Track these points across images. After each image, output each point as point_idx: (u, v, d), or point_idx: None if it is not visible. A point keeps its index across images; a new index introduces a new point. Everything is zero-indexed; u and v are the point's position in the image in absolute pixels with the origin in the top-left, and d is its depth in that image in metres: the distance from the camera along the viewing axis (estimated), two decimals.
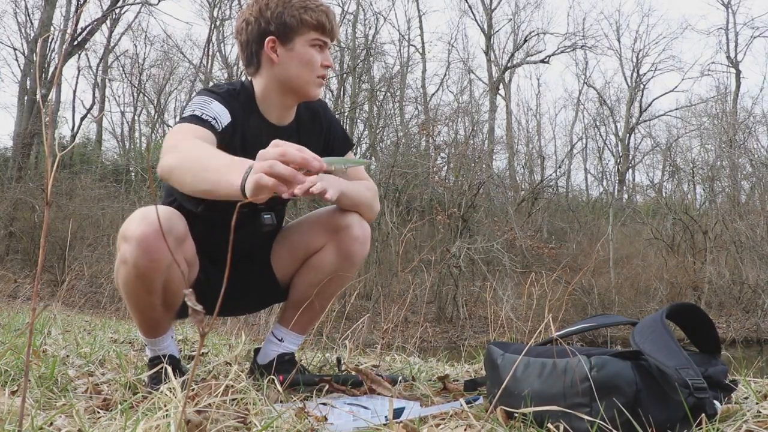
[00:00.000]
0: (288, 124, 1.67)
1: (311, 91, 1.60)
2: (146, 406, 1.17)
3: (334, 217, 1.66)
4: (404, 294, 7.23)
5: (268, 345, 1.77)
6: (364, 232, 1.67)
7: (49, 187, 0.76)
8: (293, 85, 1.58)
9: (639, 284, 15.15)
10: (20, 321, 3.91)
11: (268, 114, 1.63)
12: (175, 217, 1.46)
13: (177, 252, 1.47)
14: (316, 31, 1.56)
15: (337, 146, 1.78)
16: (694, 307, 1.32)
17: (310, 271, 1.69)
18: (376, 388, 1.60)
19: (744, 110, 19.34)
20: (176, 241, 1.46)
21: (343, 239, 1.64)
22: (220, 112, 1.50)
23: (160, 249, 1.39)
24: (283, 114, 1.65)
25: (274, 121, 1.64)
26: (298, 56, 1.56)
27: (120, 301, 7.74)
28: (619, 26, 31.96)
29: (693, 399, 1.05)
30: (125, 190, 16.83)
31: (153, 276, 1.43)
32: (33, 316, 0.80)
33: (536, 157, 21.58)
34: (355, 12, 19.94)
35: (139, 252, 1.38)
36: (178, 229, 1.46)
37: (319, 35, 1.56)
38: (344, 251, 1.65)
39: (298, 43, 1.55)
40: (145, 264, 1.40)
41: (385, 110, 19.35)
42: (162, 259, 1.40)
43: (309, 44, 1.56)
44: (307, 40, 1.55)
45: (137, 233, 1.38)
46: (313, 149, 1.69)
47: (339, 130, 1.79)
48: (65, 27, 16.21)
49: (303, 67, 1.57)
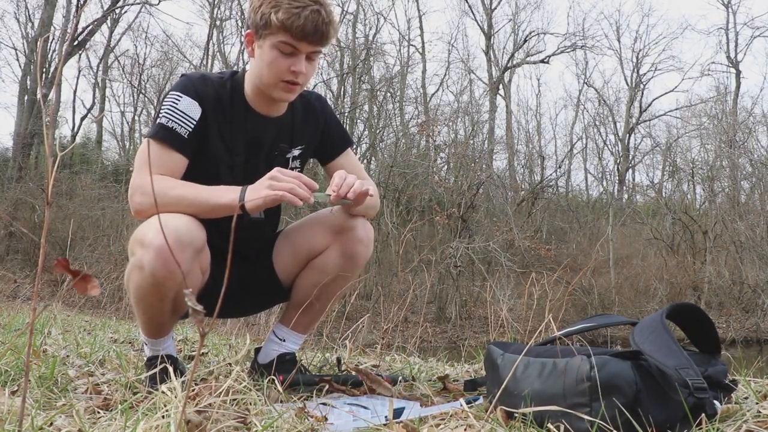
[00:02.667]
0: (278, 116, 1.66)
1: (274, 93, 1.55)
2: (146, 406, 1.17)
3: (338, 218, 1.66)
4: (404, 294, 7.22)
5: (270, 344, 1.77)
6: (367, 233, 1.67)
7: (50, 187, 0.76)
8: (259, 83, 1.57)
9: (639, 284, 15.14)
10: (20, 321, 3.91)
11: (255, 105, 1.62)
12: (194, 226, 1.45)
13: (194, 263, 1.47)
14: (285, 34, 1.46)
15: (334, 144, 1.77)
16: (694, 307, 1.32)
17: (314, 272, 1.69)
18: (376, 388, 1.60)
19: (744, 110, 19.37)
20: (195, 252, 1.45)
21: (347, 241, 1.64)
22: (188, 109, 1.53)
23: (179, 261, 1.39)
24: (270, 105, 1.63)
25: (262, 112, 1.63)
26: (262, 56, 1.52)
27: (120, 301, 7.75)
28: (619, 26, 31.90)
29: (693, 399, 1.05)
30: (125, 190, 16.82)
31: (168, 285, 1.43)
32: (33, 316, 0.80)
33: (536, 157, 21.56)
34: (355, 12, 19.96)
35: (157, 262, 1.38)
36: (198, 241, 1.45)
37: (288, 38, 1.46)
38: (348, 253, 1.65)
39: (267, 42, 1.50)
40: (162, 274, 1.40)
41: (385, 110, 19.36)
42: (179, 270, 1.41)
43: (275, 47, 1.49)
44: (273, 42, 1.48)
45: (156, 243, 1.38)
46: (307, 143, 1.72)
47: (336, 128, 1.78)
48: (65, 27, 16.21)
49: (265, 69, 1.52)
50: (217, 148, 1.58)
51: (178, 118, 1.52)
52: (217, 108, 1.58)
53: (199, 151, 1.56)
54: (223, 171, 1.60)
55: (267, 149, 1.65)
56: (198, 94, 1.55)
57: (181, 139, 1.52)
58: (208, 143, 1.57)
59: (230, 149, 1.60)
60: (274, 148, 1.66)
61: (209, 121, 1.56)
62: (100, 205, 14.59)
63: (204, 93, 1.56)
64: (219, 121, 1.58)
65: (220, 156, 1.59)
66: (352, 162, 1.79)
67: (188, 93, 1.54)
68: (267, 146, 1.65)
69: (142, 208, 1.48)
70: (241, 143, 1.61)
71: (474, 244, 13.32)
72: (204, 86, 1.57)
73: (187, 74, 1.60)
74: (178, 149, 1.52)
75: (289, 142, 1.69)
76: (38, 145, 15.18)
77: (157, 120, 1.53)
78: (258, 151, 1.64)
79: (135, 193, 1.49)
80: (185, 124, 1.52)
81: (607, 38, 33.99)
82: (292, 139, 1.69)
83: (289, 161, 1.70)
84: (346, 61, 18.89)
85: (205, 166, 1.58)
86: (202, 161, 1.57)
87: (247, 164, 1.63)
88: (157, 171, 1.50)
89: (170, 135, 1.51)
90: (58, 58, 16.19)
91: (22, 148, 15.16)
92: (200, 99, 1.55)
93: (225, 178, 1.58)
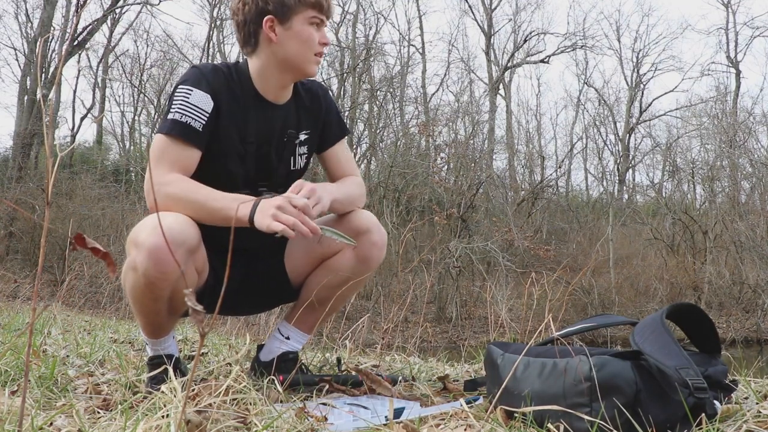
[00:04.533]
0: (285, 103, 1.68)
1: (308, 68, 1.61)
2: (146, 406, 1.17)
3: (353, 221, 1.66)
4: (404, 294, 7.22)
5: (273, 342, 1.77)
6: (382, 237, 1.67)
7: (50, 188, 0.76)
8: (292, 63, 1.59)
9: (639, 284, 15.15)
10: (20, 321, 3.91)
11: (264, 92, 1.64)
12: (188, 226, 1.44)
13: (188, 263, 1.47)
14: (314, 9, 1.57)
15: (332, 133, 1.78)
16: (694, 307, 1.32)
17: (326, 273, 1.69)
18: (376, 388, 1.60)
19: (744, 110, 19.35)
20: (188, 252, 1.44)
21: (363, 244, 1.64)
22: (201, 101, 1.53)
23: (171, 262, 1.39)
24: (280, 92, 1.66)
25: (270, 99, 1.65)
26: (296, 35, 1.57)
27: (120, 301, 7.74)
28: (619, 26, 31.86)
29: (693, 399, 1.05)
30: (125, 190, 16.83)
31: (162, 286, 1.43)
32: (33, 316, 0.80)
33: (536, 157, 21.55)
34: (356, 12, 19.96)
35: (149, 263, 1.38)
36: (191, 241, 1.45)
37: (317, 13, 1.57)
38: (362, 256, 1.65)
39: (297, 21, 1.56)
40: (155, 275, 1.40)
41: (385, 110, 19.35)
42: (172, 271, 1.40)
43: (307, 22, 1.57)
44: (305, 18, 1.56)
45: (148, 243, 1.38)
46: (310, 130, 1.73)
47: (334, 117, 1.79)
48: (65, 27, 16.20)
49: (302, 46, 1.58)
50: (229, 138, 1.59)
51: (192, 111, 1.52)
52: (229, 98, 1.58)
53: (211, 142, 1.57)
54: (235, 160, 1.60)
55: (277, 136, 1.66)
56: (210, 86, 1.55)
57: (196, 133, 1.52)
58: (220, 134, 1.57)
59: (242, 138, 1.61)
60: (283, 134, 1.67)
61: (222, 111, 1.57)
62: (100, 205, 14.58)
63: (216, 84, 1.57)
64: (232, 111, 1.59)
65: (233, 145, 1.59)
66: (345, 152, 1.82)
67: (200, 86, 1.54)
68: (277, 133, 1.66)
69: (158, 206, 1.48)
70: (253, 132, 1.62)
71: (473, 244, 13.32)
72: (216, 77, 1.57)
73: (198, 66, 1.60)
74: (194, 143, 1.52)
75: (296, 128, 1.70)
76: (38, 145, 15.17)
77: (169, 115, 1.52)
78: (269, 139, 1.65)
79: (150, 191, 1.49)
80: (199, 117, 1.52)
81: (607, 38, 33.98)
82: (298, 125, 1.71)
83: (296, 147, 1.71)
84: (346, 61, 18.89)
85: (218, 156, 1.58)
86: (214, 151, 1.58)
87: (259, 152, 1.63)
88: (171, 168, 1.49)
89: (185, 129, 1.51)
90: (58, 58, 16.19)
91: (22, 148, 15.15)
92: (212, 91, 1.55)
93: (235, 168, 1.60)
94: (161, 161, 1.50)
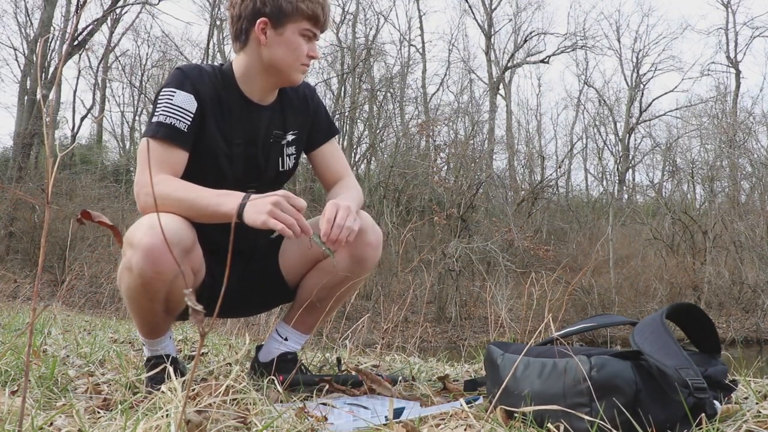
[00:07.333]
0: (270, 104, 1.68)
1: (293, 76, 1.62)
2: (146, 406, 1.17)
3: None
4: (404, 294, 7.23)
5: (272, 343, 1.77)
6: (377, 237, 1.67)
7: (50, 188, 0.76)
8: (277, 68, 1.60)
9: (639, 284, 15.16)
10: (20, 321, 3.91)
11: (249, 92, 1.64)
12: (183, 226, 1.44)
13: (183, 263, 1.46)
14: (309, 22, 1.57)
15: (320, 131, 1.78)
16: (694, 307, 1.32)
17: (321, 273, 1.68)
18: (376, 388, 1.60)
19: (744, 110, 19.37)
20: (183, 252, 1.44)
21: (357, 244, 1.62)
22: (185, 103, 1.53)
23: (166, 261, 1.38)
24: (264, 94, 1.66)
25: (256, 100, 1.65)
26: (286, 42, 1.57)
27: (120, 301, 7.74)
28: (619, 26, 31.91)
29: (693, 399, 1.05)
30: (125, 190, 16.82)
31: (157, 287, 1.43)
32: (33, 316, 0.80)
33: (536, 157, 21.56)
34: (355, 12, 19.96)
35: (144, 263, 1.38)
36: (186, 241, 1.44)
37: (311, 26, 1.57)
38: (357, 256, 1.64)
39: (289, 29, 1.56)
40: (150, 275, 1.39)
41: (385, 110, 19.35)
42: (167, 271, 1.40)
43: (299, 33, 1.57)
44: (298, 28, 1.56)
45: (143, 243, 1.38)
46: (298, 130, 1.73)
47: (324, 116, 1.79)
48: (65, 27, 16.21)
49: (289, 54, 1.58)
50: (215, 139, 1.58)
51: (175, 113, 1.52)
52: (214, 99, 1.58)
53: (197, 144, 1.57)
54: (223, 162, 1.60)
55: (263, 137, 1.66)
56: (194, 87, 1.55)
57: (181, 134, 1.52)
58: (205, 135, 1.57)
59: (229, 140, 1.60)
60: (269, 135, 1.67)
61: (206, 113, 1.57)
62: (100, 205, 14.57)
63: (200, 85, 1.56)
64: (216, 112, 1.59)
65: (219, 147, 1.59)
66: (335, 152, 1.81)
67: (183, 87, 1.54)
68: (263, 134, 1.66)
69: (148, 207, 1.49)
70: (239, 133, 1.62)
71: (473, 244, 13.32)
72: (200, 78, 1.57)
73: (181, 67, 1.60)
74: (179, 144, 1.52)
75: (282, 128, 1.70)
76: (38, 145, 15.17)
77: (153, 118, 1.53)
78: (255, 140, 1.65)
79: (140, 192, 1.50)
80: (184, 119, 1.52)
81: (607, 38, 33.94)
82: (285, 125, 1.70)
83: (284, 147, 1.71)
84: (346, 61, 18.89)
85: (205, 158, 1.58)
86: (201, 154, 1.58)
87: (246, 153, 1.63)
88: (160, 169, 1.50)
89: (170, 131, 1.51)
90: (58, 58, 16.19)
91: (22, 148, 15.14)
92: (196, 92, 1.55)
93: (225, 169, 1.60)
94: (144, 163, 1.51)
